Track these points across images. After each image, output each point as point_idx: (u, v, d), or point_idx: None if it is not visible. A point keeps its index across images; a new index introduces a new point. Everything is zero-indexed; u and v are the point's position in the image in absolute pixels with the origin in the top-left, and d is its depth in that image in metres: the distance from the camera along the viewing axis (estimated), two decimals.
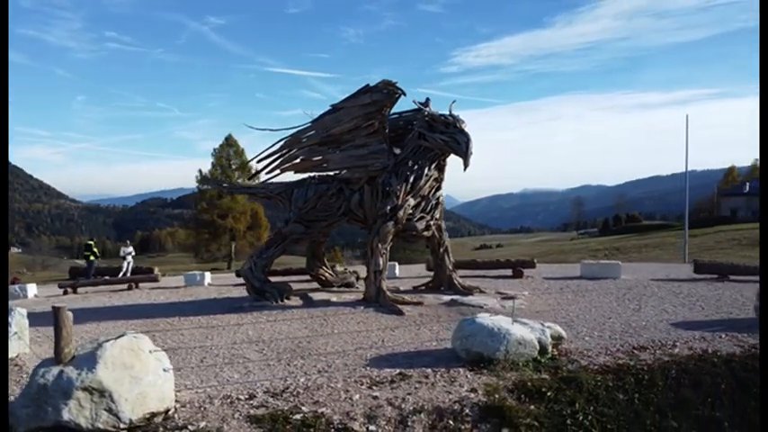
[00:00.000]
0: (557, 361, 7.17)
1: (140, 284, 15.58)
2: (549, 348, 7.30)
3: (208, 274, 15.81)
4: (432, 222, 11.35)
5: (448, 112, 11.03)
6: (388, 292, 10.68)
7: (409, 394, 6.18)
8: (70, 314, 5.84)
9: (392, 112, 11.34)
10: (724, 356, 7.21)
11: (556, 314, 9.77)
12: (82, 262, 22.46)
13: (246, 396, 6.21)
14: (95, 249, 19.56)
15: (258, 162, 11.73)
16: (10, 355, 8.01)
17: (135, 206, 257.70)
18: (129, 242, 20.79)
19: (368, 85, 10.83)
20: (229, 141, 57.41)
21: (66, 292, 15.12)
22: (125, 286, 15.44)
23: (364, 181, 11.17)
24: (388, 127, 11.33)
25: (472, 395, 6.19)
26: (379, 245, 10.70)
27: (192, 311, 11.11)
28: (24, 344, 8.27)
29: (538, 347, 7.17)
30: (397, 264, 17.19)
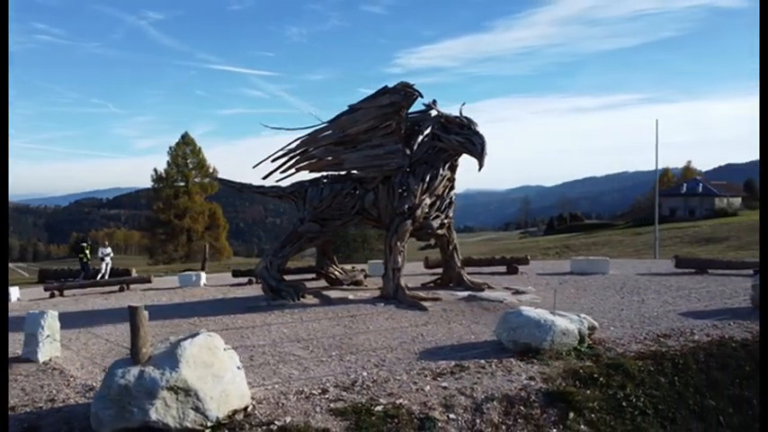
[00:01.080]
0: (594, 349, 7.65)
1: (131, 286, 15.08)
2: (586, 338, 7.80)
3: (203, 275, 15.53)
4: (446, 221, 11.71)
5: (459, 114, 11.40)
6: (406, 290, 10.94)
7: (475, 384, 6.48)
8: (146, 313, 5.79)
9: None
10: (740, 341, 7.92)
11: (571, 307, 10.31)
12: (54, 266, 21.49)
13: (319, 391, 6.33)
14: (87, 251, 18.82)
15: (273, 161, 11.70)
16: (43, 358, 7.74)
17: (68, 206, 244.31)
18: (107, 243, 20.04)
19: (386, 86, 11.04)
20: (186, 140, 55.96)
21: (53, 295, 14.47)
22: (116, 288, 14.92)
23: (379, 180, 11.37)
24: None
25: (532, 383, 6.56)
26: (398, 243, 10.94)
27: (208, 312, 10.96)
28: (57, 347, 7.99)
29: (578, 337, 7.64)
30: None
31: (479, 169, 10.90)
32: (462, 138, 10.97)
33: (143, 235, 61.83)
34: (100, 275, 18.63)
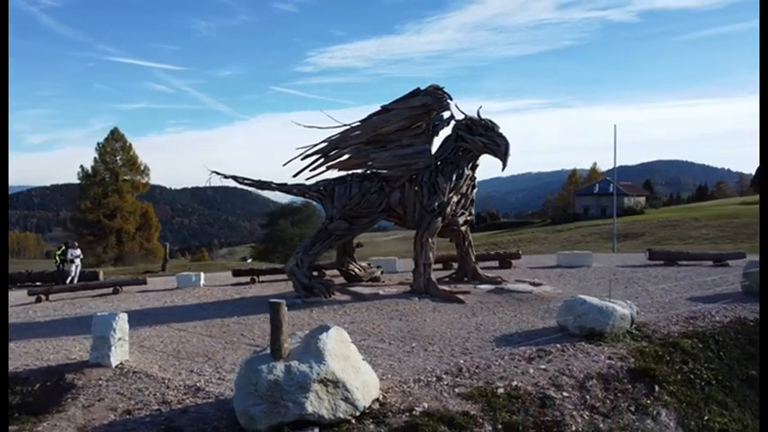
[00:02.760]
0: (642, 331, 8.56)
1: (125, 288, 14.31)
2: (634, 322, 8.70)
3: (203, 275, 15.05)
4: (468, 218, 12.32)
5: (476, 115, 12.04)
6: (437, 285, 11.41)
7: (568, 365, 7.11)
8: (286, 310, 5.86)
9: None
10: (755, 321, 9.16)
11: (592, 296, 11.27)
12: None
13: (434, 378, 6.69)
14: (59, 253, 17.50)
15: (303, 159, 11.72)
16: (116, 362, 7.44)
17: None
18: (76, 244, 18.72)
19: (418, 88, 11.45)
20: (115, 136, 52.77)
21: (39, 300, 13.43)
22: (109, 290, 14.10)
23: (405, 179, 11.75)
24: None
25: (613, 362, 7.29)
26: (429, 239, 11.40)
27: (240, 312, 10.80)
28: (126, 350, 7.69)
29: (630, 321, 8.51)
30: (396, 258, 17.79)
31: (503, 169, 11.61)
32: (487, 139, 11.61)
33: (69, 236, 57.17)
34: (69, 279, 17.45)
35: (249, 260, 57.03)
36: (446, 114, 12.09)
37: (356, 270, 13.06)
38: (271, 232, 68.98)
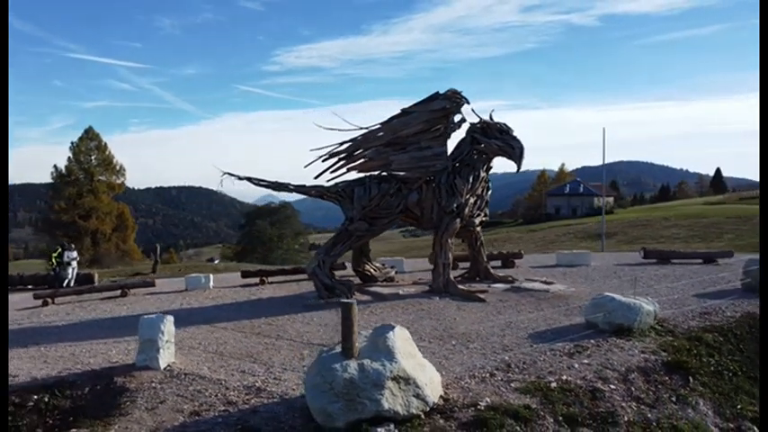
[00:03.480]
0: (665, 327, 9.02)
1: (132, 291, 14.11)
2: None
3: (212, 276, 14.95)
4: (483, 218, 12.66)
5: (489, 118, 12.40)
6: (456, 284, 11.70)
7: (607, 359, 7.48)
8: (357, 310, 6.03)
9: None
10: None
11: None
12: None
13: (487, 374, 6.96)
14: (56, 255, 17.06)
15: (324, 161, 11.84)
16: (164, 365, 7.46)
17: None
18: (73, 246, 18.30)
19: (437, 92, 11.70)
20: (90, 135, 51.46)
21: (45, 303, 13.13)
22: (117, 293, 13.88)
23: (423, 181, 12.00)
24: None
25: (647, 356, 7.70)
26: (448, 240, 11.68)
27: (265, 313, 10.87)
28: (172, 352, 7.71)
29: (653, 317, 8.96)
30: (404, 259, 17.99)
31: (517, 171, 11.99)
32: (502, 142, 11.96)
33: (40, 238, 55.61)
34: (66, 282, 17.06)
35: (216, 261, 56.37)
36: (457, 118, 12.39)
37: (371, 270, 13.24)
38: (248, 232, 68.49)
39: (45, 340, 9.60)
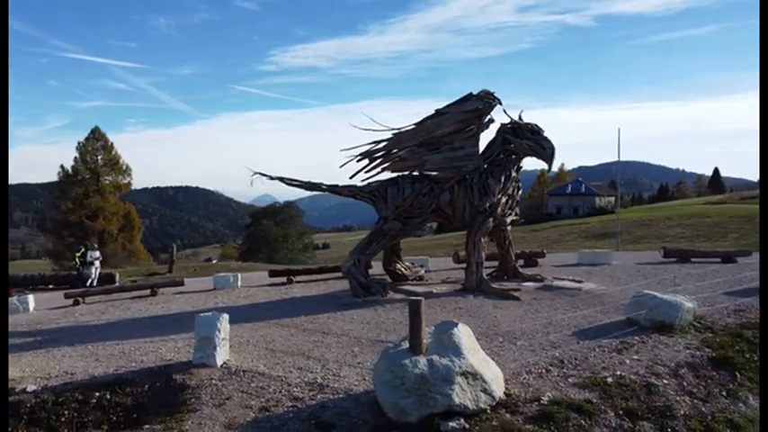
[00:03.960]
0: (703, 323, 9.19)
1: (161, 290, 14.23)
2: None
3: (240, 276, 15.08)
4: (514, 218, 12.82)
5: (518, 118, 12.56)
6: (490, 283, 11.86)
7: (655, 355, 7.65)
8: (424, 307, 6.17)
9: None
10: None
11: (630, 291, 11.90)
12: None
13: (543, 370, 7.13)
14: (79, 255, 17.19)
15: (358, 161, 11.99)
16: (220, 362, 7.59)
17: None
18: (96, 246, 18.42)
19: (471, 93, 11.86)
20: (96, 135, 51.54)
21: (76, 303, 13.25)
22: (146, 292, 14.01)
23: (455, 181, 12.15)
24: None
25: (692, 351, 7.87)
26: (481, 239, 11.84)
27: (303, 311, 11.01)
28: (227, 350, 7.84)
29: (693, 313, 9.13)
30: (428, 258, 18.13)
31: (549, 171, 12.20)
32: (533, 142, 12.12)
33: (47, 238, 55.63)
34: (89, 281, 17.18)
35: (214, 261, 56.54)
36: (485, 118, 12.53)
37: (402, 269, 13.39)
38: (254, 232, 68.63)
39: (89, 339, 9.74)
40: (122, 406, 7.06)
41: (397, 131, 12.07)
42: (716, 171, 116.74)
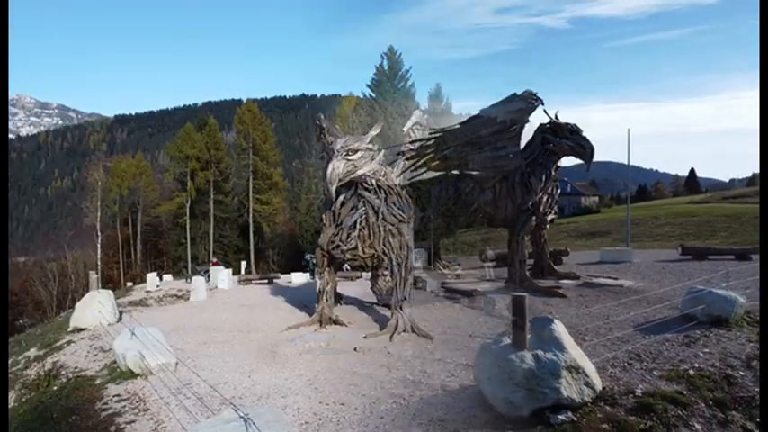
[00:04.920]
0: (753, 317, 9.54)
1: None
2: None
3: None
4: (553, 216, 13.09)
5: (555, 118, 12.83)
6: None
7: (723, 348, 7.95)
8: (528, 303, 6.35)
9: None
10: None
11: (669, 288, 12.25)
12: None
13: (626, 364, 7.38)
14: None
15: (407, 160, 12.13)
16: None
17: None
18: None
19: (515, 93, 12.07)
20: None
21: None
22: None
23: (496, 180, 12.37)
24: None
25: (754, 344, 8.19)
26: (524, 237, 12.09)
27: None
28: None
29: (743, 308, 9.48)
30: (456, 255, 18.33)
31: (587, 170, 12.45)
32: (573, 142, 12.40)
33: None
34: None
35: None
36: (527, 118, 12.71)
37: (441, 268, 13.58)
38: None
39: None
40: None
41: (443, 131, 12.23)
42: (692, 171, 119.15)
